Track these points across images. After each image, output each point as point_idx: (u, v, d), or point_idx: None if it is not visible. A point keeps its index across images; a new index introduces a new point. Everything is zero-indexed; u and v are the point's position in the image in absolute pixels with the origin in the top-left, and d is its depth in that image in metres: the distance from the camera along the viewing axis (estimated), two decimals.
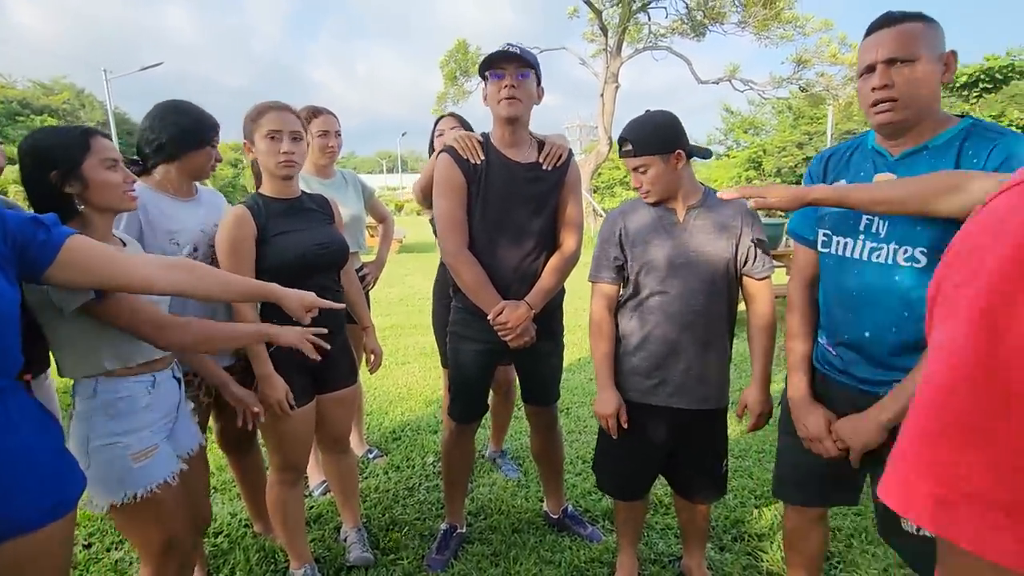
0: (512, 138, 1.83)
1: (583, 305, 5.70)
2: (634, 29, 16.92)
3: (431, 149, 2.57)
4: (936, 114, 1.22)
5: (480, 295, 1.84)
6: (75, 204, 1.29)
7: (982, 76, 20.93)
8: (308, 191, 1.90)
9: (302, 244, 1.72)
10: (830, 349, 1.42)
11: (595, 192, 25.24)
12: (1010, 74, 20.79)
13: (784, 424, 1.56)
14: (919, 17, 1.19)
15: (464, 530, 2.23)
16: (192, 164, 1.67)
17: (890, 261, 1.25)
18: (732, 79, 17.36)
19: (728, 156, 30.75)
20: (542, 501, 2.42)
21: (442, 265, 2.35)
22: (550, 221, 1.90)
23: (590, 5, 15.83)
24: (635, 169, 1.62)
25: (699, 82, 17.38)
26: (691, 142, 1.63)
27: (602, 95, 16.80)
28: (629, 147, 1.60)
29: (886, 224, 1.26)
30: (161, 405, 1.43)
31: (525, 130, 1.87)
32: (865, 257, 1.30)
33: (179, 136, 1.61)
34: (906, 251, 1.22)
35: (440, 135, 2.50)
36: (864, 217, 1.29)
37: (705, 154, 1.72)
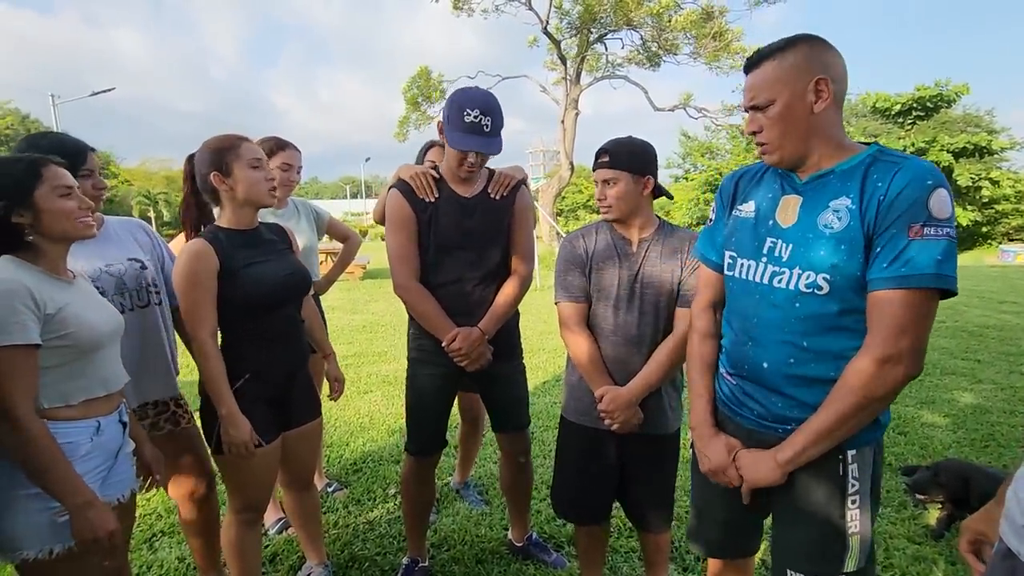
0: (461, 182, 1.88)
1: (545, 328, 5.73)
2: (592, 58, 17.54)
3: None
4: (831, 141, 1.16)
5: (433, 323, 1.86)
6: (24, 234, 1.24)
7: (914, 105, 22.38)
8: (261, 221, 1.87)
9: (272, 275, 1.67)
10: (730, 379, 1.34)
11: (559, 216, 25.63)
12: (939, 103, 22.31)
13: (693, 462, 1.47)
14: (779, 51, 1.15)
15: (426, 563, 2.18)
16: None
17: (792, 287, 1.17)
18: (686, 107, 18.08)
19: (686, 179, 31.80)
20: (506, 529, 2.39)
21: None
22: (502, 249, 1.92)
23: (549, 36, 16.34)
24: (604, 181, 1.65)
25: (655, 109, 18.04)
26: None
27: (563, 121, 17.23)
28: (606, 158, 1.64)
29: (790, 247, 1.18)
30: (101, 452, 1.34)
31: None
32: (766, 281, 1.21)
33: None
34: (808, 276, 1.15)
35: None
36: (768, 239, 1.22)
37: (668, 195, 1.77)
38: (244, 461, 1.63)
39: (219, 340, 1.65)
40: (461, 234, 1.85)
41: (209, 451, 1.72)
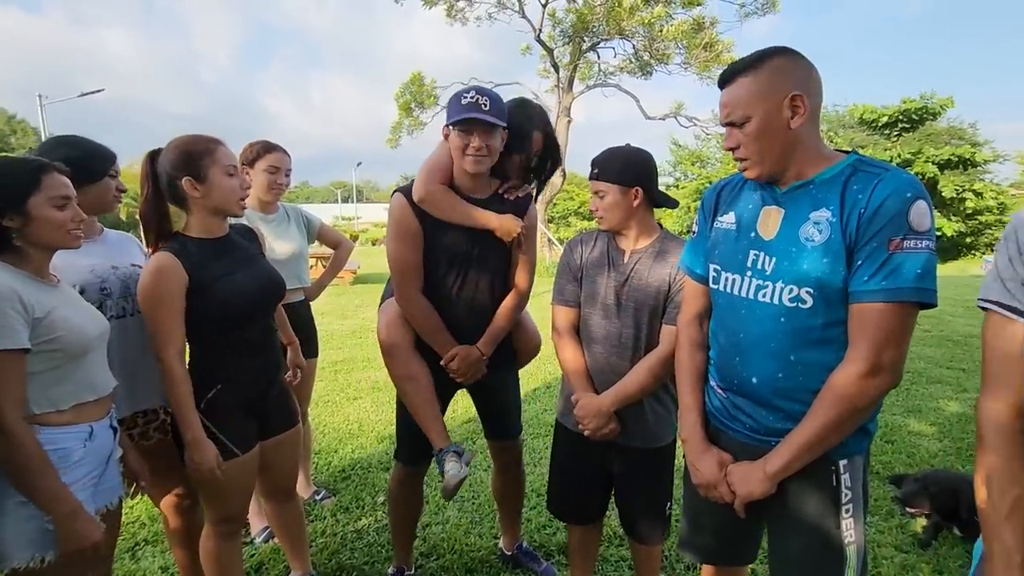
0: (473, 184, 1.81)
1: None
2: (584, 67, 17.64)
3: None
4: (809, 152, 1.16)
5: (434, 339, 1.85)
6: (10, 237, 1.22)
7: (900, 117, 22.74)
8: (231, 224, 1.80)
9: (248, 285, 1.62)
10: (720, 392, 1.33)
11: (550, 222, 25.72)
12: (924, 115, 22.68)
13: (685, 471, 1.46)
14: (752, 66, 1.14)
15: (412, 572, 2.16)
16: (89, 197, 1.50)
17: (775, 301, 1.17)
18: (677, 116, 18.25)
19: (677, 187, 32.02)
20: (497, 538, 2.37)
21: None
22: (505, 259, 1.90)
23: (542, 44, 16.44)
24: (595, 193, 1.66)
25: (647, 118, 18.18)
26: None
27: (555, 129, 17.30)
28: (595, 171, 1.64)
29: (772, 260, 1.18)
30: (94, 458, 1.32)
31: (487, 175, 1.84)
32: (751, 295, 1.21)
33: (70, 170, 1.40)
34: (792, 290, 1.14)
35: None
36: (751, 251, 1.22)
37: (671, 204, 1.74)
38: (218, 475, 1.58)
39: (189, 353, 1.59)
40: (468, 235, 1.79)
41: None
